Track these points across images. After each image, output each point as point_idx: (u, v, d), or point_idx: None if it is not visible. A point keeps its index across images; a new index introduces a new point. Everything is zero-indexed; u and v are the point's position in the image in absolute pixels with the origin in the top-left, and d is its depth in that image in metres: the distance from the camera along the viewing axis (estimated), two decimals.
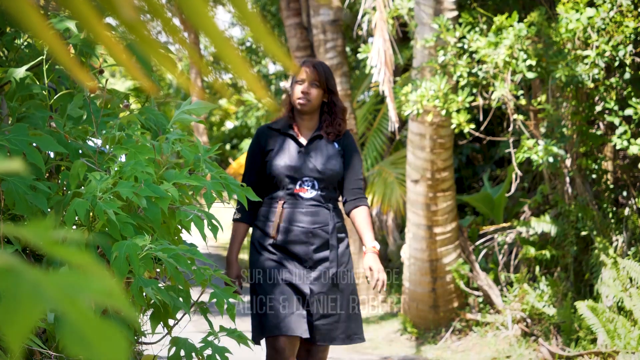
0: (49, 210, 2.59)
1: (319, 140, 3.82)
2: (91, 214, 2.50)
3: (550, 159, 6.49)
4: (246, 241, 6.52)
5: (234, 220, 3.77)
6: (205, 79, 17.86)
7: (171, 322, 2.83)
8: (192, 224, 2.69)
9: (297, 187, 3.72)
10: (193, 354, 2.77)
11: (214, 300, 2.80)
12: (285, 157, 3.75)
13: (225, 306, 2.82)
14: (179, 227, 2.77)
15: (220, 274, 2.82)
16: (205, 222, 2.65)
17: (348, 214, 3.87)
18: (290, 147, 3.79)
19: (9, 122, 2.70)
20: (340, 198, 3.88)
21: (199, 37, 14.86)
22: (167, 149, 2.70)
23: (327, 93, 3.82)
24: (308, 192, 3.73)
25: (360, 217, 3.81)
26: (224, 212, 3.04)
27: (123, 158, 2.65)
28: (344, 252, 3.79)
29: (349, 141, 3.89)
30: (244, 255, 13.19)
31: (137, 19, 0.75)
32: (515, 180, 7.50)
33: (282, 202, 3.70)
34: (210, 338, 2.82)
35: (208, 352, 2.78)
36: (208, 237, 2.69)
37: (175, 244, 2.75)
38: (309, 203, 3.72)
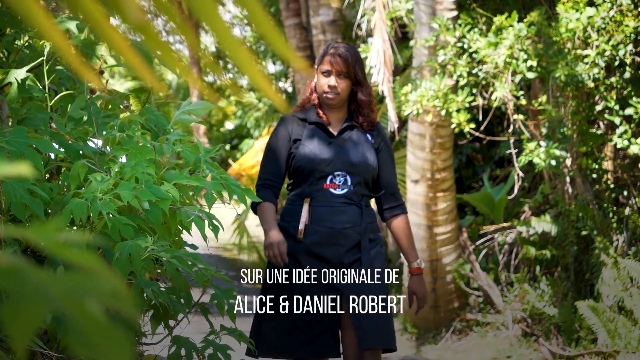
0: (49, 211, 2.59)
1: (351, 130, 3.41)
2: (90, 214, 2.50)
3: (553, 162, 6.49)
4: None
5: (254, 206, 3.33)
6: (205, 79, 17.87)
7: (172, 322, 2.83)
8: (193, 224, 2.68)
9: (328, 182, 3.30)
10: (193, 353, 2.77)
11: (215, 301, 2.80)
12: (315, 148, 3.32)
13: (226, 307, 2.82)
14: (180, 227, 2.77)
15: (221, 275, 2.81)
16: (206, 222, 2.65)
17: (384, 221, 3.50)
18: (320, 138, 3.36)
19: (9, 123, 2.70)
20: (371, 197, 3.48)
21: (199, 37, 14.87)
22: (167, 149, 2.70)
23: (355, 83, 3.40)
24: (339, 189, 3.31)
25: (401, 230, 3.45)
26: (224, 212, 3.04)
27: (124, 159, 2.65)
28: (376, 254, 3.38)
29: (383, 135, 3.47)
30: (244, 257, 13.18)
31: (144, 19, 0.75)
32: (518, 181, 7.50)
33: (310, 199, 3.30)
34: (211, 337, 2.82)
35: (209, 351, 2.78)
36: (208, 238, 2.69)
37: (176, 244, 2.76)
38: (340, 201, 3.30)
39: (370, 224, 3.37)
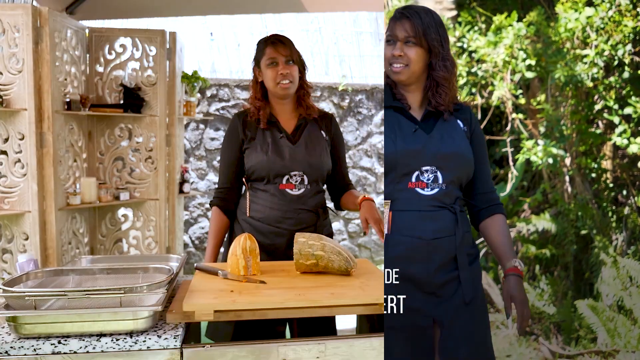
0: None
1: (437, 115, 2.68)
2: None
3: (550, 160, 6.50)
4: None
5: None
6: None
7: None
8: None
9: (414, 179, 2.57)
10: None
11: None
12: (397, 138, 2.59)
13: None
14: None
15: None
16: None
17: (477, 225, 2.78)
18: (402, 125, 2.62)
19: None
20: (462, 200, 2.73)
21: None
22: None
23: (431, 52, 2.63)
24: (428, 188, 2.58)
25: (497, 228, 2.72)
26: None
27: None
28: (477, 273, 2.69)
29: (475, 122, 2.74)
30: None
31: None
32: (511, 180, 7.51)
33: (391, 201, 2.56)
34: None
35: None
36: None
37: None
38: (430, 203, 2.57)
39: (467, 233, 2.66)
